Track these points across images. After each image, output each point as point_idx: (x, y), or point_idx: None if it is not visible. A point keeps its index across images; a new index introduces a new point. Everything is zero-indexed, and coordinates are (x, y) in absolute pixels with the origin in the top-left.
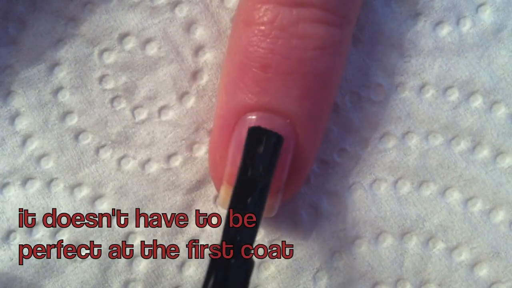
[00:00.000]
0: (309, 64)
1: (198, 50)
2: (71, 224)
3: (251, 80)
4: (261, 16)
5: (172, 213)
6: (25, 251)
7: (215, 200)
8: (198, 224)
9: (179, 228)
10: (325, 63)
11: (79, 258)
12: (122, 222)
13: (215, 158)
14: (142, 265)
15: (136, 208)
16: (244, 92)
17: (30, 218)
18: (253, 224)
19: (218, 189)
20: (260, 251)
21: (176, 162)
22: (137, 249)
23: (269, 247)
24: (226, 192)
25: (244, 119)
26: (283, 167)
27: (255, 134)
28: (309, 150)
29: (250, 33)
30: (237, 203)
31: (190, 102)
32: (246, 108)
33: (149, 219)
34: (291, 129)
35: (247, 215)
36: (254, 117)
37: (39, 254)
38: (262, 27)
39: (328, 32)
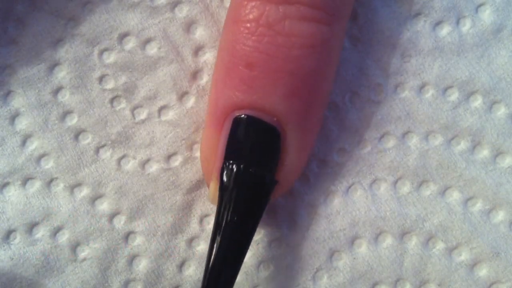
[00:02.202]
0: (296, 63)
1: (198, 50)
2: (71, 224)
3: (237, 78)
4: (247, 13)
5: (172, 213)
6: (25, 250)
7: None
8: (198, 224)
9: (179, 228)
10: (314, 61)
11: (79, 258)
12: (122, 222)
13: (205, 154)
14: (142, 265)
15: (136, 208)
16: (231, 90)
17: (30, 218)
18: (232, 274)
19: (209, 185)
20: (260, 251)
21: (176, 162)
22: (137, 249)
23: (269, 247)
24: (215, 188)
25: (232, 116)
26: None
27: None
28: (299, 148)
29: (237, 31)
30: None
31: (190, 102)
32: (234, 106)
33: (149, 219)
34: (278, 127)
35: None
36: (241, 114)
37: (39, 254)
38: (248, 25)
39: (316, 30)
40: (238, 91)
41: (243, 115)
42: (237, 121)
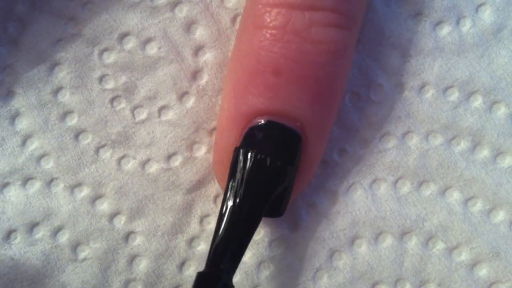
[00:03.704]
0: (322, 69)
1: (198, 50)
2: (71, 224)
3: (262, 85)
4: (272, 20)
5: (172, 213)
6: (26, 250)
7: (215, 200)
8: (198, 224)
9: (179, 228)
10: (337, 67)
11: (79, 258)
12: (122, 222)
13: (222, 159)
14: (142, 265)
15: (136, 208)
16: (255, 96)
17: (30, 218)
18: (237, 254)
19: (224, 189)
20: (260, 251)
21: (176, 162)
22: (137, 249)
23: (269, 247)
24: None
25: (254, 122)
26: None
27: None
28: (316, 152)
29: (261, 37)
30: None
31: (190, 102)
32: (257, 112)
33: (149, 219)
34: (301, 132)
35: (232, 243)
36: (264, 120)
37: (39, 254)
38: (274, 31)
39: (340, 35)
40: (263, 98)
41: (266, 121)
42: (259, 127)
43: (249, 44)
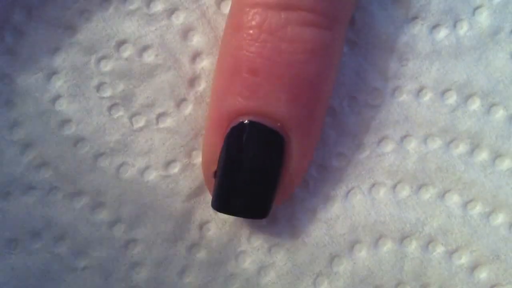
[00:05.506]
0: (298, 68)
1: (195, 56)
2: (71, 233)
3: (240, 84)
4: (249, 20)
5: (171, 220)
6: (26, 260)
7: None
8: (198, 231)
9: (179, 235)
10: (316, 66)
11: (79, 267)
12: (122, 230)
13: (207, 159)
14: (142, 273)
15: (135, 216)
16: (234, 96)
17: (30, 228)
18: None
19: (211, 192)
20: (260, 257)
21: (175, 169)
22: (137, 257)
23: (269, 252)
24: None
25: (235, 122)
26: None
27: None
28: (302, 154)
29: (239, 37)
30: None
31: (188, 108)
32: (237, 112)
33: (149, 226)
34: (282, 133)
35: None
36: (245, 120)
37: (40, 263)
38: (251, 31)
39: (318, 35)
40: (241, 97)
41: (246, 121)
42: (240, 127)
43: (229, 45)
